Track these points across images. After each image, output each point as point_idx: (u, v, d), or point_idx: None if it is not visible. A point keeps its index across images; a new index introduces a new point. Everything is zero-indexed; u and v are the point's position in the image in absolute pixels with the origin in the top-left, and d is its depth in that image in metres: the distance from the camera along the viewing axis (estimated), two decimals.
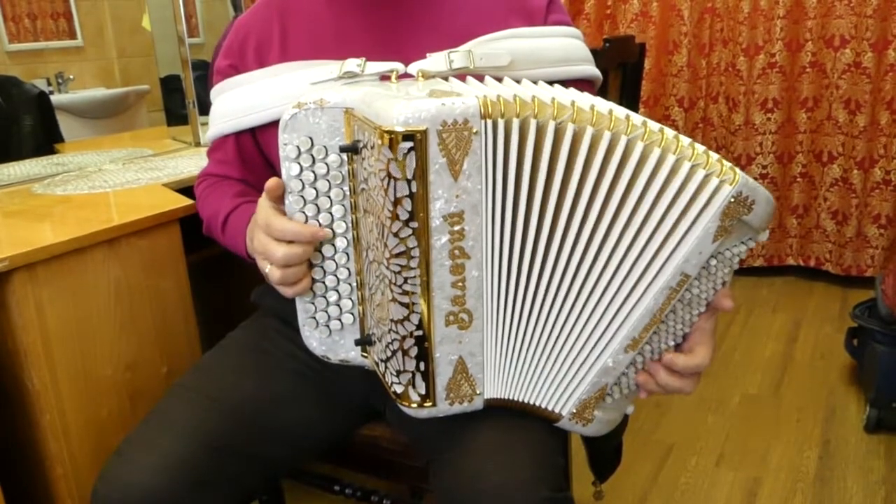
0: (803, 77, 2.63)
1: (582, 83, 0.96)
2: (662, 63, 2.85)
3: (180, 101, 2.10)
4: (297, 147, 0.76)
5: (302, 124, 0.75)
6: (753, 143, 2.74)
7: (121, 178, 1.41)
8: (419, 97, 0.66)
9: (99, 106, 2.65)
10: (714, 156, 0.69)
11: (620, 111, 0.70)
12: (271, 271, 0.79)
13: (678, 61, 2.82)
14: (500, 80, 0.81)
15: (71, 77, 2.60)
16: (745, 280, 2.82)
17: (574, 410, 0.78)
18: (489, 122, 0.66)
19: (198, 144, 1.82)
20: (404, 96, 0.68)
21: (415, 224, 0.67)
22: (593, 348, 0.75)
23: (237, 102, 0.95)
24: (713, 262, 0.73)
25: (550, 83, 0.80)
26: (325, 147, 0.76)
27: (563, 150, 0.68)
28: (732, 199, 0.68)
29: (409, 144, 0.64)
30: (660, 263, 0.71)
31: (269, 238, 0.79)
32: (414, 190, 0.66)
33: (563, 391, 0.78)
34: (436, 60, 0.82)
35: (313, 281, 0.81)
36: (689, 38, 2.78)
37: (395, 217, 0.67)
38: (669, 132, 0.69)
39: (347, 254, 0.80)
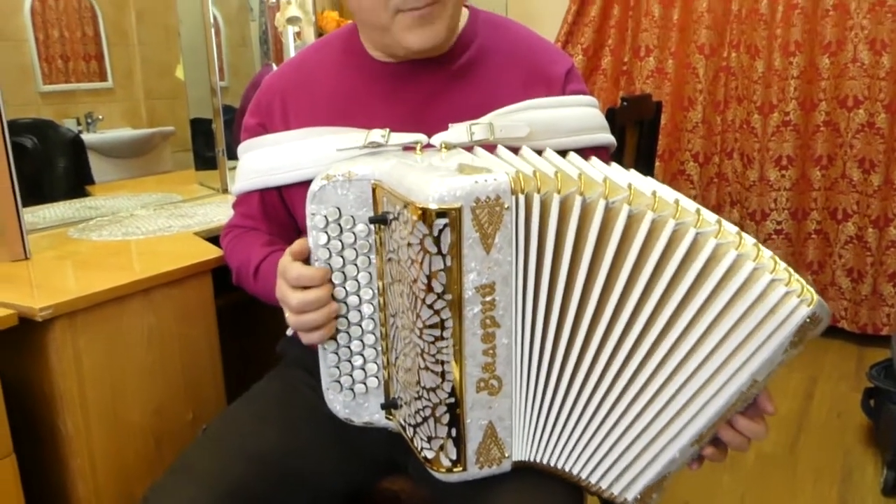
0: (817, 135, 2.67)
1: (598, 150, 0.99)
2: (678, 118, 2.90)
3: (205, 144, 2.16)
4: (325, 217, 0.78)
5: (330, 195, 0.78)
6: (768, 198, 2.77)
7: (153, 224, 1.46)
8: (450, 173, 0.69)
9: (126, 146, 2.73)
10: (793, 273, 0.70)
11: (690, 204, 0.71)
12: (289, 317, 0.82)
13: (693, 117, 2.87)
14: (518, 149, 0.83)
15: (100, 117, 2.68)
16: None
17: (639, 496, 0.80)
18: (520, 196, 0.69)
19: (225, 191, 1.87)
20: (434, 171, 0.71)
21: (448, 296, 0.70)
22: (663, 444, 0.76)
23: (264, 162, 0.99)
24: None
25: (563, 152, 0.83)
26: (352, 217, 0.79)
27: (593, 227, 0.70)
28: (808, 320, 0.69)
29: (445, 221, 0.67)
30: (733, 369, 0.71)
31: (286, 285, 0.82)
32: (448, 264, 0.69)
33: (628, 477, 0.79)
34: (457, 132, 0.86)
35: (338, 345, 0.83)
36: (704, 95, 2.84)
37: (430, 290, 0.70)
38: (749, 239, 0.70)
39: (374, 319, 0.82)
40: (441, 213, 0.67)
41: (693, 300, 0.70)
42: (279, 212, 1.03)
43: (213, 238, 1.31)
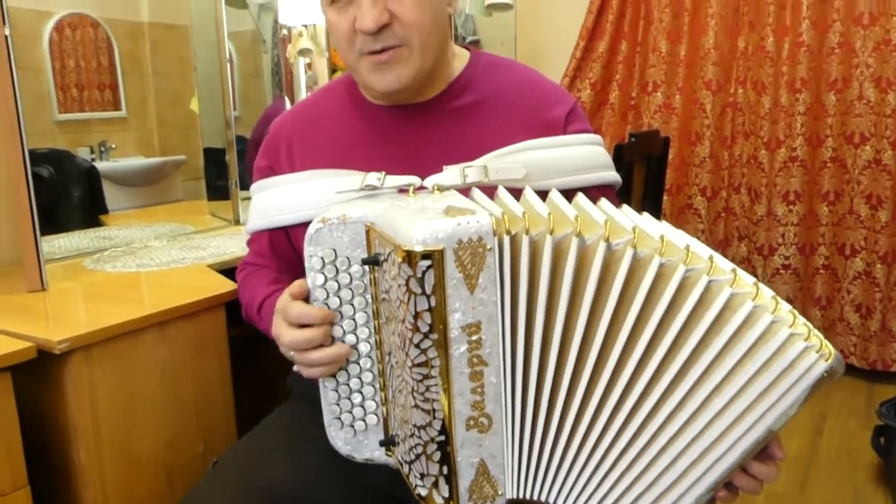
0: (824, 171, 2.68)
1: (601, 189, 1.00)
2: (685, 153, 2.93)
3: (216, 173, 2.20)
4: (322, 258, 0.80)
5: (326, 238, 0.80)
6: (776, 233, 2.78)
7: (166, 256, 1.48)
8: (436, 216, 0.71)
9: (138, 174, 2.77)
10: (811, 327, 0.69)
11: (703, 250, 0.71)
12: (294, 356, 0.84)
13: (701, 152, 2.89)
14: (521, 190, 0.84)
15: (113, 146, 2.73)
16: None
17: None
18: (502, 238, 0.71)
19: (237, 223, 1.90)
20: (422, 213, 0.73)
21: (434, 336, 0.71)
22: (677, 495, 0.76)
23: (270, 202, 1.02)
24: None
25: (567, 192, 0.84)
26: (348, 258, 0.81)
27: (594, 269, 0.71)
28: (825, 374, 0.69)
29: (428, 263, 0.69)
30: (749, 423, 0.71)
31: (284, 323, 0.84)
32: (433, 304, 0.70)
33: None
34: (451, 174, 0.88)
35: (337, 383, 0.85)
36: (711, 130, 2.87)
37: (416, 329, 0.71)
38: (767, 291, 0.70)
39: (371, 357, 0.84)
40: (424, 255, 0.69)
41: (707, 351, 0.70)
42: (286, 250, 1.05)
43: (226, 270, 1.33)
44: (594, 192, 0.94)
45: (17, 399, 0.95)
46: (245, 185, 1.98)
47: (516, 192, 0.83)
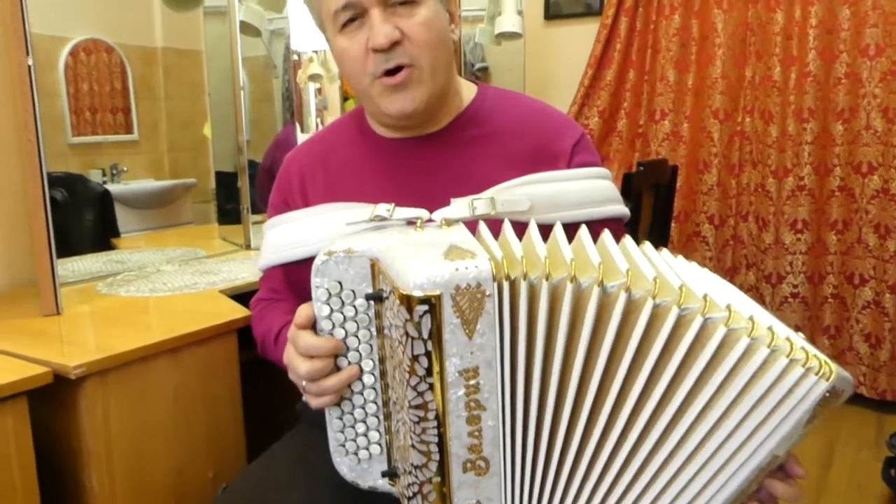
0: (832, 200, 2.69)
1: (608, 222, 1.00)
2: (693, 181, 2.94)
3: (225, 197, 2.22)
4: (328, 290, 0.81)
5: (332, 270, 0.80)
6: (784, 262, 2.78)
7: (178, 281, 1.49)
8: (435, 258, 0.71)
9: (149, 197, 2.80)
10: (810, 349, 0.70)
11: (698, 289, 0.71)
12: (295, 381, 0.85)
13: (708, 180, 2.91)
14: (526, 223, 0.84)
15: (125, 169, 2.76)
16: None
17: None
18: (502, 284, 0.70)
19: (248, 247, 1.91)
20: (422, 253, 0.73)
21: (431, 380, 0.71)
22: None
23: (284, 238, 1.02)
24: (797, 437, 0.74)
25: (573, 225, 0.84)
26: (353, 291, 0.81)
27: (589, 313, 0.71)
28: (828, 394, 0.69)
29: (425, 308, 0.69)
30: (751, 449, 0.71)
31: (295, 353, 0.85)
32: (430, 349, 0.70)
33: None
34: (459, 207, 0.89)
35: (342, 412, 0.85)
36: (719, 158, 2.88)
37: (413, 372, 0.71)
38: (763, 322, 0.70)
39: (375, 389, 0.84)
40: (421, 301, 0.69)
41: (705, 388, 0.70)
42: (303, 284, 1.06)
43: (238, 296, 1.35)
44: (601, 225, 0.95)
45: (31, 423, 0.96)
46: (256, 210, 2.00)
47: (523, 225, 0.84)
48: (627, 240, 0.83)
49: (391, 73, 0.93)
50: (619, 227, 1.05)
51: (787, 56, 2.70)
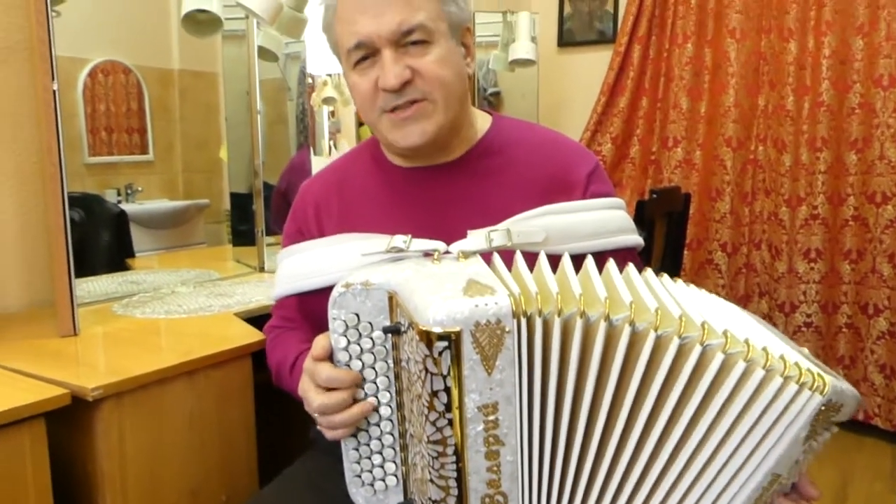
0: (846, 230, 2.68)
1: (622, 252, 1.01)
2: (706, 208, 2.94)
3: (238, 218, 2.23)
4: (345, 322, 0.81)
5: (349, 302, 0.81)
6: (797, 290, 2.76)
7: (193, 303, 1.50)
8: (455, 293, 0.71)
9: (163, 217, 2.82)
10: (804, 364, 0.71)
11: (697, 317, 0.73)
12: (317, 418, 0.85)
13: (721, 208, 2.91)
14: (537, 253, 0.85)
15: (140, 189, 2.79)
16: None
17: None
18: (522, 320, 0.71)
19: (262, 270, 1.92)
20: (441, 288, 0.73)
21: (450, 415, 0.71)
22: None
23: (299, 267, 1.02)
24: (801, 455, 0.75)
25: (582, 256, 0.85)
26: (370, 324, 0.81)
27: (597, 348, 0.72)
28: (823, 408, 0.70)
29: (444, 344, 0.69)
30: (750, 470, 0.73)
31: (311, 385, 0.85)
32: (449, 384, 0.70)
33: None
34: (476, 239, 0.89)
35: (358, 443, 0.85)
36: (731, 186, 2.88)
37: (432, 407, 0.72)
38: (758, 343, 0.71)
39: (392, 421, 0.84)
40: (441, 337, 0.69)
41: (706, 413, 0.72)
42: (318, 314, 1.06)
43: (252, 319, 1.35)
44: (614, 255, 0.95)
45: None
46: (269, 232, 2.01)
47: (535, 254, 0.84)
48: (630, 269, 0.84)
49: (401, 107, 0.93)
50: (633, 256, 1.05)
51: (801, 86, 2.71)
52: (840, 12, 2.62)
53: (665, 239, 2.25)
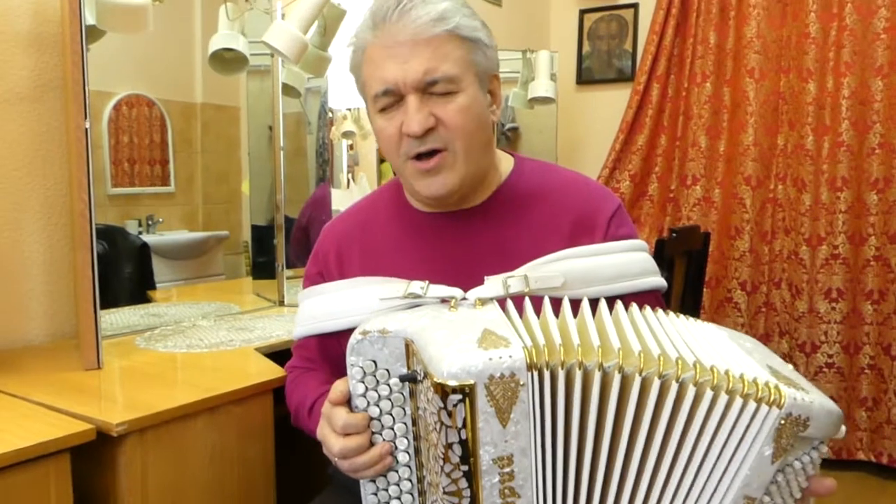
0: (867, 270, 2.66)
1: (645, 294, 1.00)
2: (725, 247, 2.93)
3: (257, 250, 2.25)
4: (363, 369, 0.82)
5: (367, 349, 0.81)
6: (818, 331, 2.73)
7: (215, 337, 1.51)
8: (469, 345, 0.72)
9: (183, 248, 2.85)
10: (763, 380, 0.72)
11: (671, 351, 0.75)
12: (338, 462, 0.85)
13: (741, 246, 2.89)
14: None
15: (160, 220, 2.83)
16: None
17: None
18: (535, 373, 0.71)
19: (282, 304, 1.93)
20: (456, 339, 0.74)
21: (465, 467, 0.72)
22: None
23: (317, 309, 1.04)
24: (780, 476, 0.75)
25: (609, 299, 0.87)
26: (387, 371, 0.82)
27: (612, 398, 0.74)
28: (783, 422, 0.71)
29: (459, 397, 0.70)
30: (721, 496, 0.74)
31: (329, 430, 0.85)
32: (464, 437, 0.71)
33: None
34: (493, 286, 0.89)
35: (377, 488, 0.86)
36: (751, 224, 2.87)
37: (448, 459, 0.72)
38: (721, 366, 0.74)
39: (410, 467, 0.84)
40: (455, 390, 0.70)
41: (685, 445, 0.74)
42: (336, 354, 1.07)
43: (273, 354, 1.36)
44: (637, 298, 0.95)
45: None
46: (290, 264, 2.03)
47: (556, 301, 0.85)
48: (619, 308, 0.84)
49: (424, 156, 0.94)
50: (656, 298, 1.05)
51: (820, 125, 2.71)
52: (859, 53, 2.64)
53: (685, 278, 2.24)
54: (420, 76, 0.91)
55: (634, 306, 0.85)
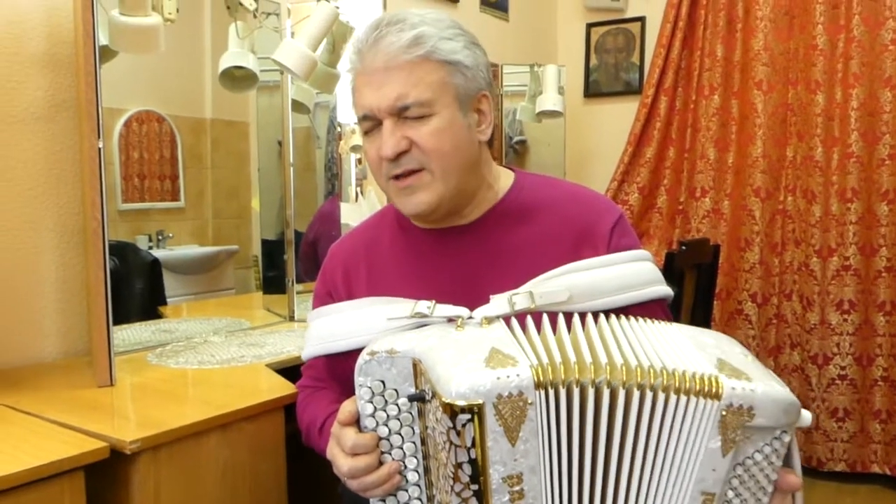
0: (879, 281, 2.64)
1: (651, 304, 1.01)
2: (734, 259, 2.92)
3: (267, 265, 2.26)
4: (371, 389, 0.82)
5: (375, 370, 0.82)
6: (830, 342, 2.72)
7: (226, 353, 1.51)
8: (477, 364, 0.72)
9: (193, 263, 2.86)
10: (701, 373, 0.73)
11: (645, 361, 0.76)
12: (348, 482, 0.86)
13: (750, 258, 2.88)
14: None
15: (170, 235, 2.85)
16: (826, 486, 2.69)
17: None
18: (542, 392, 0.72)
19: (292, 319, 1.94)
20: (463, 359, 0.74)
21: (475, 487, 0.72)
22: None
23: (327, 329, 1.04)
24: (740, 470, 0.75)
25: (615, 311, 0.88)
26: (396, 391, 0.82)
27: (618, 413, 0.75)
28: (724, 413, 0.71)
29: (468, 417, 0.70)
30: (678, 494, 0.75)
31: (339, 450, 0.86)
32: (473, 457, 0.71)
33: None
34: (499, 304, 0.90)
35: None
36: (761, 236, 2.87)
37: (457, 479, 0.73)
38: (658, 365, 0.75)
39: (419, 486, 0.85)
40: (464, 410, 0.70)
41: (649, 449, 0.75)
42: (345, 374, 1.07)
43: (284, 370, 1.36)
44: (643, 308, 0.96)
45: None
46: (299, 279, 2.04)
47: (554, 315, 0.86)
48: (612, 319, 0.85)
49: (402, 175, 0.97)
50: (662, 307, 1.05)
51: (829, 137, 2.70)
52: (867, 65, 2.63)
53: (695, 290, 2.24)
54: (392, 102, 0.94)
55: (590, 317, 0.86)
